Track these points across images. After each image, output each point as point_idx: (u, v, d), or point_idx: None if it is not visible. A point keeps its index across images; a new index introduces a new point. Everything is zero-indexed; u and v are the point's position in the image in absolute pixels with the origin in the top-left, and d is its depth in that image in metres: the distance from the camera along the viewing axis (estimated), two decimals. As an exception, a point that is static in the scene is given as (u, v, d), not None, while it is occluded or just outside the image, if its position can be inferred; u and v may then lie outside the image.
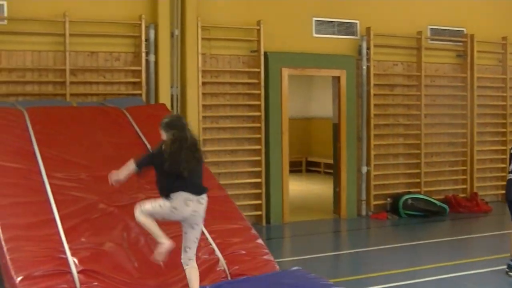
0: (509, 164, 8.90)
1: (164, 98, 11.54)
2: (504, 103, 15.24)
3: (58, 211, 7.21)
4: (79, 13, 11.05)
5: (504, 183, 9.48)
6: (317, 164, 21.34)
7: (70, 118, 9.29)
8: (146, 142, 9.16)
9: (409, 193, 13.62)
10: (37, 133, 8.64)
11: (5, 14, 10.66)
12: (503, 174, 14.48)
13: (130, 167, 6.62)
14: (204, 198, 6.61)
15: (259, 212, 12.48)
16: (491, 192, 15.04)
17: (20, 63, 10.78)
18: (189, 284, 6.54)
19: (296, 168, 20.92)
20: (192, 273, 6.55)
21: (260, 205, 12.48)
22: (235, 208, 8.24)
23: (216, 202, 8.20)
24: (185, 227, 6.58)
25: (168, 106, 11.25)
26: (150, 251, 6.88)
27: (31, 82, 10.82)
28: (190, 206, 6.45)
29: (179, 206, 6.42)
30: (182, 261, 6.57)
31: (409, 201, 13.32)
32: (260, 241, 7.63)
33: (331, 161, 14.32)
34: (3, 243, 6.60)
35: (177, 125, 6.64)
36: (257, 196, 12.52)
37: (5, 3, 10.68)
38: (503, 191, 9.78)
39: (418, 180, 14.11)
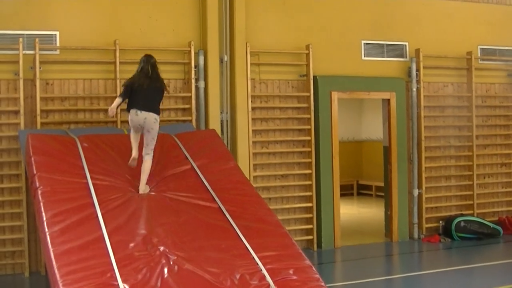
0: None
1: (214, 123, 11.55)
2: None
3: (110, 239, 7.22)
4: (129, 42, 11.15)
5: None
6: (368, 187, 21.15)
7: (121, 145, 9.33)
8: (196, 168, 9.16)
9: (461, 215, 13.38)
10: (89, 161, 8.70)
11: (58, 44, 10.82)
12: (559, 195, 14.19)
13: (117, 99, 8.79)
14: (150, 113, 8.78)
15: (310, 237, 12.37)
16: (546, 214, 14.71)
17: (72, 91, 10.91)
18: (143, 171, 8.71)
19: (347, 191, 20.78)
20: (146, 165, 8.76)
21: (311, 229, 12.36)
22: (285, 233, 8.13)
23: (266, 227, 8.16)
24: (144, 132, 8.80)
25: (218, 131, 11.25)
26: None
27: (83, 110, 10.94)
28: (139, 115, 8.68)
29: (132, 117, 8.75)
30: (143, 153, 8.78)
31: (462, 224, 13.10)
32: (311, 266, 7.52)
33: (382, 184, 14.16)
34: (56, 270, 6.62)
35: (144, 60, 8.99)
36: (308, 221, 12.42)
37: (57, 33, 10.83)
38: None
39: (470, 202, 13.86)
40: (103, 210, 7.70)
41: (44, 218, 7.34)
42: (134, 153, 8.81)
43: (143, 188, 8.66)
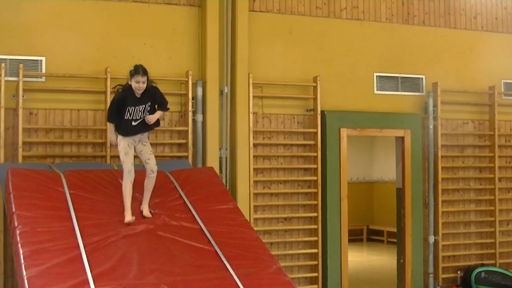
0: None
1: (212, 160, 11.49)
2: None
3: (95, 285, 7.13)
4: (122, 70, 11.05)
5: None
6: (379, 233, 21.04)
7: (110, 182, 9.26)
8: (191, 207, 9.09)
9: (482, 265, 13.29)
10: (74, 199, 8.62)
11: (44, 71, 10.80)
12: None
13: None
14: None
15: (315, 286, 12.24)
16: None
17: (58, 122, 10.86)
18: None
19: (356, 236, 20.67)
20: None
21: (316, 278, 12.25)
22: (288, 281, 8.05)
23: (267, 275, 8.06)
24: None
25: (217, 169, 11.18)
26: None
27: (69, 143, 10.88)
28: None
29: None
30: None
31: (483, 275, 12.98)
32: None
33: (394, 229, 14.07)
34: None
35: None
36: (313, 268, 12.31)
37: (43, 59, 10.82)
38: None
39: (492, 251, 13.74)
40: (88, 253, 7.60)
41: (22, 261, 7.26)
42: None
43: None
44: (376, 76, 13.14)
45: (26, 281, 6.99)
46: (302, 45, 12.59)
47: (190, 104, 11.47)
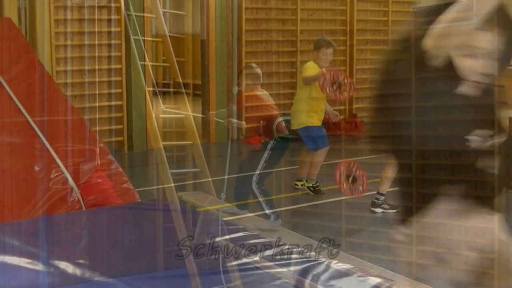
0: None
1: (10, 11, 11.10)
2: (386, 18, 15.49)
3: None
4: None
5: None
6: (186, 86, 21.18)
7: None
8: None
9: (284, 114, 13.74)
10: None
11: None
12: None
13: None
14: None
15: (120, 138, 12.41)
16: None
17: None
18: None
19: (163, 89, 20.73)
20: None
21: (121, 130, 12.40)
22: (91, 132, 8.12)
23: (69, 126, 8.11)
24: None
25: (15, 20, 10.86)
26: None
27: None
28: None
29: None
30: None
31: (284, 123, 13.42)
32: (118, 168, 7.59)
33: (200, 82, 14.28)
34: None
35: None
36: (118, 120, 12.42)
37: None
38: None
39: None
40: None
41: None
42: None
43: None
44: None
45: None
46: None
47: None
